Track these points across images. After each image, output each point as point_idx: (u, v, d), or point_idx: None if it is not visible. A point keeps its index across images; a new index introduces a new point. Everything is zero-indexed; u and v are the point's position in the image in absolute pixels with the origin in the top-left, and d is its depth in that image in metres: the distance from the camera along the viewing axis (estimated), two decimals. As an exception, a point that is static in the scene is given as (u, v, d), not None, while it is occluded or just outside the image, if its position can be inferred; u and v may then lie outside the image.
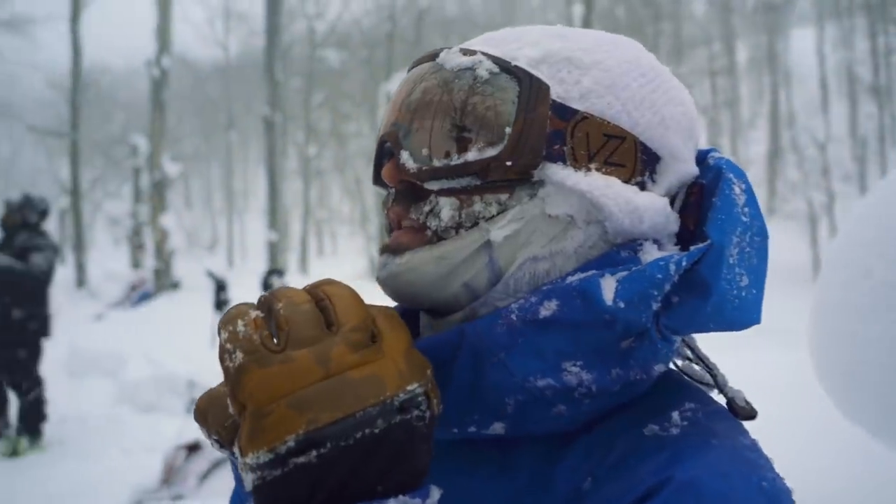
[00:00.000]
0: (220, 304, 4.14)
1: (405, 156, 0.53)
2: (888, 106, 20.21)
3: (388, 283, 0.54)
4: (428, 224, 0.52)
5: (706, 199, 0.54)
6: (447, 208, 0.52)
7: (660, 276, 0.48)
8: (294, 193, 25.30)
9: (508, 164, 0.50)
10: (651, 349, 0.50)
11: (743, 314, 0.52)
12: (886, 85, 20.28)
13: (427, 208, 0.52)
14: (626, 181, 0.52)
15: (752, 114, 25.33)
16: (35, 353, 4.92)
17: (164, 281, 12.18)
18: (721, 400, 0.55)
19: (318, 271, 19.93)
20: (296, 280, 5.77)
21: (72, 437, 4.93)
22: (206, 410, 0.48)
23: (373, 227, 20.00)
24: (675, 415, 0.49)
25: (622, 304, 0.47)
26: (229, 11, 24.61)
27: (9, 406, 4.79)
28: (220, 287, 4.13)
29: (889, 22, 20.12)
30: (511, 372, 0.48)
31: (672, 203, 0.55)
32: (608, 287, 0.48)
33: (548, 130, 0.51)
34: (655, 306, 0.49)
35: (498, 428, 0.50)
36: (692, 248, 0.50)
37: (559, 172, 0.51)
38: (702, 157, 0.58)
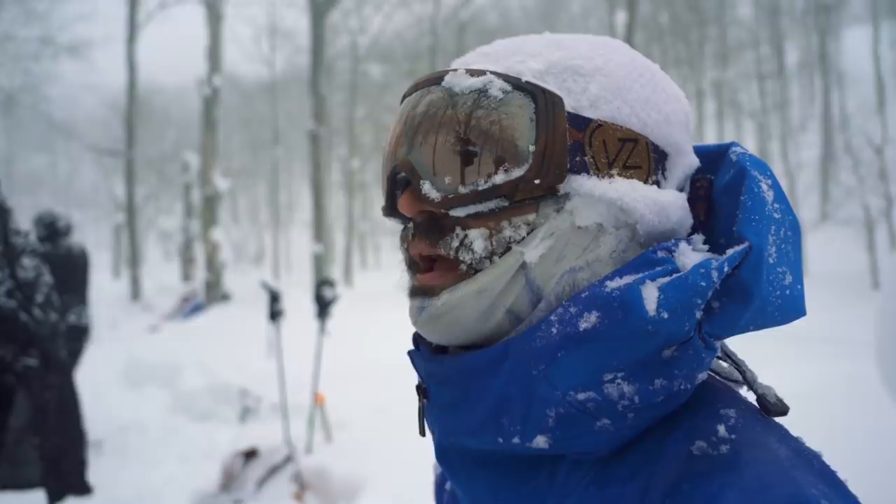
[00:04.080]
0: (274, 314, 4.23)
1: (427, 186, 0.52)
2: (949, 106, 19.36)
3: (429, 326, 0.53)
4: (461, 258, 0.52)
5: (728, 195, 0.54)
6: (479, 239, 0.51)
7: (703, 283, 0.47)
8: (337, 206, 25.70)
9: (536, 182, 0.50)
10: (695, 358, 0.48)
11: (786, 312, 0.51)
12: (947, 84, 19.44)
13: (455, 242, 0.52)
14: (644, 181, 0.53)
15: (804, 117, 24.61)
16: (48, 362, 4.92)
17: (215, 293, 12.51)
18: (751, 396, 0.54)
19: (363, 283, 20.17)
20: (342, 292, 5.88)
21: (132, 446, 5.10)
22: None
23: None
24: (722, 428, 0.47)
25: (665, 315, 0.46)
26: (275, 29, 25.27)
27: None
28: (274, 298, 4.22)
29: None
30: (553, 385, 0.48)
31: None
32: (650, 296, 0.47)
33: (568, 143, 0.50)
34: (699, 315, 0.48)
35: (541, 441, 0.49)
36: (730, 251, 0.49)
37: (585, 184, 0.50)
38: (722, 151, 0.57)
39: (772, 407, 0.51)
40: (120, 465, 4.66)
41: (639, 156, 0.53)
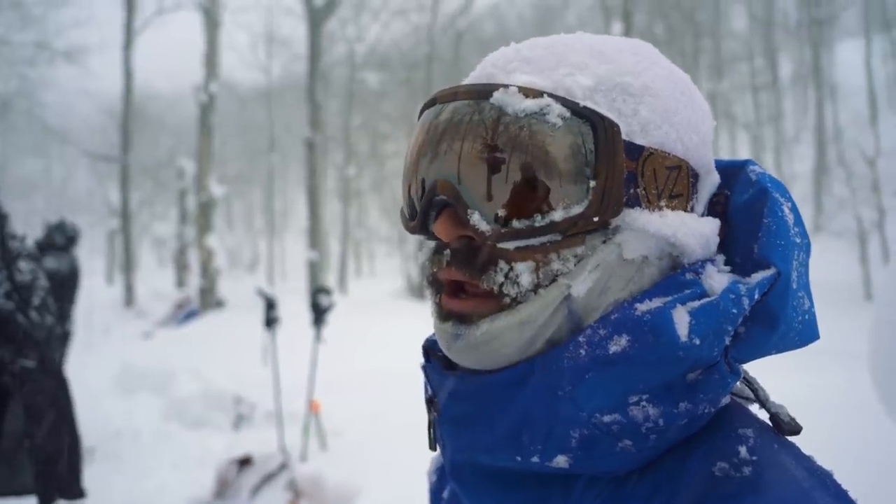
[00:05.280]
0: (269, 321, 4.23)
1: (476, 217, 0.49)
2: (940, 119, 19.54)
3: (466, 355, 0.51)
4: (505, 292, 0.49)
5: (746, 214, 0.54)
6: (526, 273, 0.49)
7: (735, 311, 0.48)
8: (332, 214, 25.68)
9: (595, 219, 0.48)
10: (720, 382, 0.49)
11: (805, 336, 0.52)
12: (938, 97, 19.64)
13: (500, 277, 0.49)
14: (685, 209, 0.52)
15: (797, 129, 24.80)
16: (43, 366, 4.96)
17: (210, 299, 12.46)
18: (762, 415, 0.54)
19: (357, 291, 20.14)
20: (337, 299, 5.84)
21: (125, 452, 5.07)
22: None
23: (410, 246, 20.15)
24: (743, 450, 0.47)
25: (697, 341, 0.46)
26: (272, 37, 25.34)
27: None
28: (270, 305, 4.22)
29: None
30: (578, 406, 0.47)
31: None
32: (681, 321, 0.47)
33: (624, 174, 0.48)
34: (727, 340, 0.48)
35: (561, 461, 0.48)
36: (756, 275, 0.50)
37: (639, 218, 0.49)
38: (738, 168, 0.57)
39: (785, 426, 0.51)
40: (113, 471, 4.63)
41: (681, 183, 0.52)
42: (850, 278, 15.40)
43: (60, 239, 5.23)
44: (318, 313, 4.30)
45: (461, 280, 0.51)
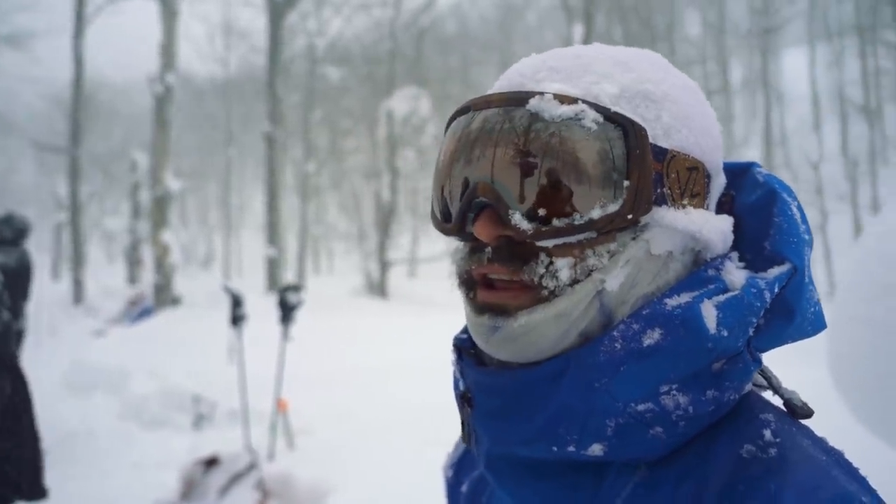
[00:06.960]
0: (236, 319, 4.16)
1: (517, 217, 0.51)
2: (878, 126, 20.50)
3: (504, 347, 0.53)
4: (544, 284, 0.52)
5: (755, 214, 0.58)
6: (565, 269, 0.52)
7: (758, 304, 0.52)
8: (290, 210, 25.30)
9: (629, 217, 0.51)
10: (745, 370, 0.52)
11: (816, 326, 0.57)
12: (877, 105, 20.60)
13: (541, 269, 0.52)
14: (702, 207, 0.56)
15: (747, 132, 25.64)
16: (1, 360, 4.86)
17: (165, 296, 12.14)
18: (776, 400, 0.57)
19: (316, 288, 19.92)
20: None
21: (81, 455, 4.91)
22: None
23: (370, 243, 20.02)
24: (767, 433, 0.50)
25: (725, 333, 0.50)
26: (230, 28, 24.78)
27: None
28: (237, 303, 4.15)
29: (878, 44, 20.49)
30: (614, 397, 0.50)
31: None
32: (709, 315, 0.50)
33: (652, 175, 0.52)
34: (751, 331, 0.52)
35: (597, 449, 0.51)
36: (773, 270, 0.54)
37: (667, 216, 0.53)
38: (743, 170, 0.61)
39: (798, 410, 0.55)
40: (69, 475, 4.48)
41: (699, 183, 0.56)
42: (795, 277, 15.99)
43: (8, 233, 5.05)
44: (287, 311, 4.25)
45: (504, 275, 0.53)
